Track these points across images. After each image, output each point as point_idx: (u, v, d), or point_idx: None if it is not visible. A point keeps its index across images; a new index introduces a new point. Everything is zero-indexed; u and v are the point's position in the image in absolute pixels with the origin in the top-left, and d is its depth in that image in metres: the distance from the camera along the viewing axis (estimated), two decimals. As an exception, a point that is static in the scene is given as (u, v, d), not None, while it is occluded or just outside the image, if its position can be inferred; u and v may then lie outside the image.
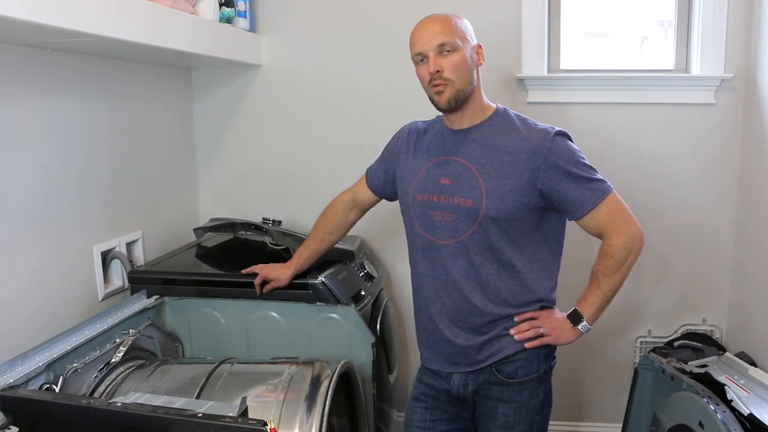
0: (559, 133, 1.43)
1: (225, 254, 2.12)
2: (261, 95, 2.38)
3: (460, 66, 1.41)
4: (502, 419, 1.48)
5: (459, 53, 1.41)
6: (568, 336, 1.47)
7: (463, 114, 1.47)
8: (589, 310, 1.46)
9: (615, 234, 1.42)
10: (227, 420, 1.05)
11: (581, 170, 1.41)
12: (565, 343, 1.48)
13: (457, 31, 1.42)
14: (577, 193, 1.40)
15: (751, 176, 2.11)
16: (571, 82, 2.23)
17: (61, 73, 1.67)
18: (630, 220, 1.44)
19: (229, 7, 2.09)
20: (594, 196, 1.41)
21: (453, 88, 1.42)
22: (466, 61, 1.42)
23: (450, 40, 1.40)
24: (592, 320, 1.46)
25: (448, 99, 1.43)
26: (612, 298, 1.47)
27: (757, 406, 1.61)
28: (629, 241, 1.42)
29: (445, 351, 1.51)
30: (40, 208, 1.60)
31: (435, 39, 1.40)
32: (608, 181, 1.44)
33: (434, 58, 1.41)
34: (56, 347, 1.36)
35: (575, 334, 1.47)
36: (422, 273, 1.53)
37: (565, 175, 1.40)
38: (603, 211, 1.41)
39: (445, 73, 1.41)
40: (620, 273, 1.44)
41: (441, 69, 1.41)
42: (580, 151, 1.45)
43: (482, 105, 1.49)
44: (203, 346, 1.77)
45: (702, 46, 2.13)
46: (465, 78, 1.42)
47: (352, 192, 1.76)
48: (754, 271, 2.09)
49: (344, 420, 1.63)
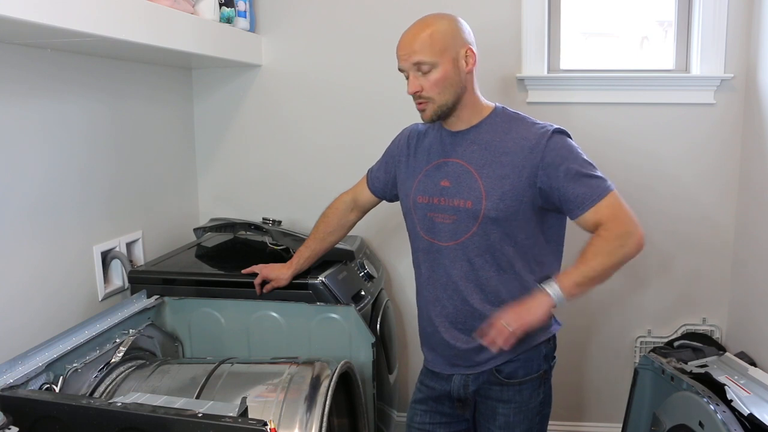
0: (557, 131, 1.41)
1: (225, 254, 2.12)
2: (261, 95, 2.38)
3: (440, 83, 1.39)
4: (502, 419, 1.48)
5: (437, 70, 1.38)
6: (538, 310, 1.34)
7: (457, 117, 1.47)
8: (566, 281, 1.34)
9: (612, 222, 1.36)
10: (227, 420, 1.05)
11: (581, 168, 1.38)
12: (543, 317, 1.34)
13: (434, 45, 1.37)
14: (577, 191, 1.37)
15: (751, 176, 2.11)
16: (571, 82, 2.23)
17: (61, 73, 1.67)
18: (630, 220, 1.38)
19: (229, 7, 2.09)
20: (594, 194, 1.37)
21: (434, 105, 1.42)
22: (447, 75, 1.39)
23: (425, 59, 1.37)
24: (567, 291, 1.33)
25: (430, 116, 1.44)
26: (594, 280, 1.35)
27: (757, 406, 1.61)
28: (626, 233, 1.35)
29: (445, 353, 1.51)
30: (40, 208, 1.60)
31: (411, 57, 1.38)
32: (609, 180, 1.40)
33: (412, 78, 1.41)
34: (56, 347, 1.36)
35: (546, 303, 1.34)
36: (424, 275, 1.52)
37: (564, 173, 1.37)
38: (603, 209, 1.37)
39: (424, 92, 1.40)
40: (609, 258, 1.35)
41: (420, 89, 1.40)
42: (580, 149, 1.42)
43: (478, 106, 1.48)
44: (203, 346, 1.77)
45: (702, 46, 2.13)
46: (447, 92, 1.41)
47: (353, 193, 1.76)
48: (754, 271, 2.09)
49: (344, 420, 1.63)
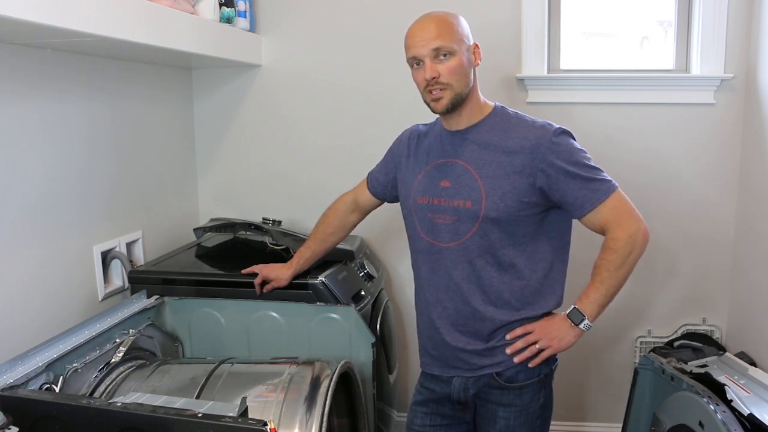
0: (559, 131, 1.40)
1: (225, 254, 2.12)
2: (261, 95, 2.38)
3: (458, 70, 1.38)
4: (503, 423, 1.46)
5: (456, 57, 1.38)
6: (569, 339, 1.41)
7: (459, 115, 1.45)
8: (591, 307, 1.40)
9: (618, 228, 1.38)
10: (227, 420, 1.05)
11: (582, 169, 1.38)
12: (567, 348, 1.43)
13: (454, 33, 1.38)
14: (578, 192, 1.37)
15: (751, 176, 2.11)
16: (571, 82, 2.23)
17: (61, 73, 1.67)
18: (634, 216, 1.39)
19: (229, 7, 2.09)
20: (595, 196, 1.37)
21: (452, 92, 1.39)
22: (463, 64, 1.39)
23: (446, 45, 1.36)
24: (594, 317, 1.40)
25: (446, 104, 1.41)
26: (615, 294, 1.41)
27: (757, 406, 1.60)
28: (633, 236, 1.38)
29: (445, 355, 1.50)
30: (40, 208, 1.60)
31: (430, 43, 1.36)
32: (612, 180, 1.40)
33: (430, 63, 1.37)
34: (56, 347, 1.36)
35: (576, 334, 1.41)
36: (424, 276, 1.52)
37: (565, 174, 1.37)
38: (606, 209, 1.37)
39: (442, 78, 1.38)
40: (624, 269, 1.39)
41: (437, 75, 1.38)
42: (583, 149, 1.41)
43: (479, 105, 1.47)
44: (203, 346, 1.77)
45: (702, 46, 2.13)
46: (463, 81, 1.40)
47: (354, 194, 1.76)
48: (754, 271, 2.09)
49: (344, 420, 1.63)
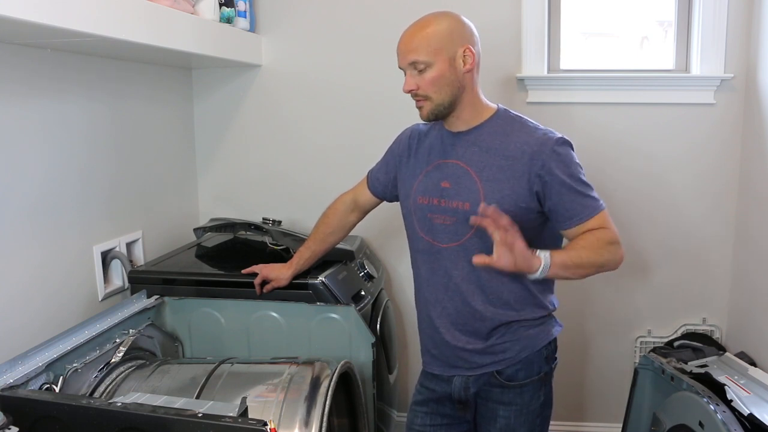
0: (561, 140, 1.40)
1: (225, 254, 2.12)
2: (261, 95, 2.38)
3: (436, 81, 1.38)
4: (503, 422, 1.47)
5: (433, 69, 1.38)
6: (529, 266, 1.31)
7: (457, 118, 1.46)
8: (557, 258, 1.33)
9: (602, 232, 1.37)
10: (227, 420, 1.05)
11: (577, 183, 1.38)
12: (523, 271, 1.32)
13: (429, 45, 1.37)
14: (569, 205, 1.38)
15: (751, 176, 2.11)
16: (571, 82, 2.23)
17: (61, 73, 1.67)
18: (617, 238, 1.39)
19: (229, 7, 2.09)
20: (585, 212, 1.38)
21: (431, 104, 1.41)
22: (443, 74, 1.38)
23: (420, 58, 1.37)
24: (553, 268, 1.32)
25: (427, 114, 1.43)
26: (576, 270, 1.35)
27: (757, 406, 1.61)
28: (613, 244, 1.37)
29: (445, 354, 1.50)
30: (40, 208, 1.60)
31: (407, 57, 1.39)
32: (601, 200, 1.41)
33: (409, 77, 1.41)
34: (56, 347, 1.36)
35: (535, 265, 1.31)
36: (423, 276, 1.52)
37: (561, 185, 1.37)
38: (591, 226, 1.38)
39: (420, 91, 1.40)
40: (596, 255, 1.36)
41: (416, 87, 1.40)
42: (580, 164, 1.42)
43: (479, 107, 1.47)
44: (203, 346, 1.77)
45: (702, 46, 2.13)
46: (445, 91, 1.40)
47: (354, 193, 1.76)
48: (753, 271, 2.09)
49: (344, 420, 1.63)
